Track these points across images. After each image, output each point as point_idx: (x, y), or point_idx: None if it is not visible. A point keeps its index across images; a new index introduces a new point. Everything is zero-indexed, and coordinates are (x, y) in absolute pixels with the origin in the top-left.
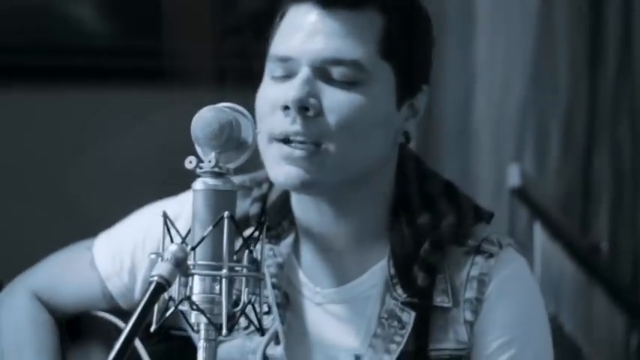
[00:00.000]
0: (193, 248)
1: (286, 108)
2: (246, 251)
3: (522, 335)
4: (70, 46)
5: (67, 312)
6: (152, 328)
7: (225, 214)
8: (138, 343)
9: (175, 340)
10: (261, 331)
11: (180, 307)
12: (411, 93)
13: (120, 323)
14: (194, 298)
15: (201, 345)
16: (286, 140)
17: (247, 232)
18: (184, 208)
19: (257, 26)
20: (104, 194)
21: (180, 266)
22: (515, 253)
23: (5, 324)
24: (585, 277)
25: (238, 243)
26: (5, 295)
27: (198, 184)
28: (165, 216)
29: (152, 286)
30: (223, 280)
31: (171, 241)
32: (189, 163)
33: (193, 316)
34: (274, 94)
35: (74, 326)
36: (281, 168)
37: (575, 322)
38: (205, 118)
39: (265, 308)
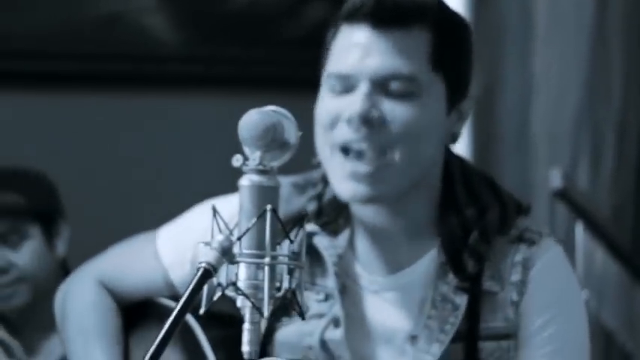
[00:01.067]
0: (239, 238)
1: (351, 121)
2: (288, 242)
3: (562, 313)
4: (143, 54)
5: (131, 299)
6: (201, 311)
7: (268, 207)
8: (197, 329)
9: (233, 327)
10: (302, 315)
11: (228, 293)
12: (458, 99)
13: None
14: (239, 284)
15: (246, 327)
16: (348, 150)
17: (307, 229)
18: None
19: (320, 36)
20: (176, 196)
21: (227, 254)
22: (553, 241)
23: (72, 309)
24: (628, 277)
25: (298, 237)
26: (72, 283)
27: (245, 181)
28: (214, 209)
29: (200, 272)
30: (266, 268)
31: (220, 231)
32: (236, 161)
33: (239, 301)
34: (335, 108)
35: (137, 311)
36: (347, 184)
37: (619, 320)
38: (252, 121)
39: (321, 296)
